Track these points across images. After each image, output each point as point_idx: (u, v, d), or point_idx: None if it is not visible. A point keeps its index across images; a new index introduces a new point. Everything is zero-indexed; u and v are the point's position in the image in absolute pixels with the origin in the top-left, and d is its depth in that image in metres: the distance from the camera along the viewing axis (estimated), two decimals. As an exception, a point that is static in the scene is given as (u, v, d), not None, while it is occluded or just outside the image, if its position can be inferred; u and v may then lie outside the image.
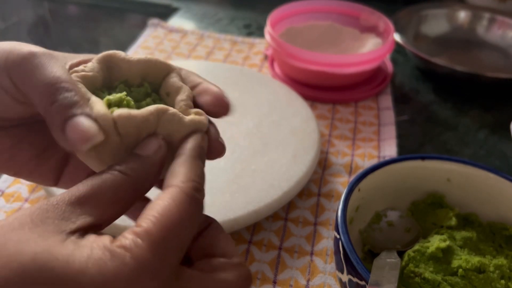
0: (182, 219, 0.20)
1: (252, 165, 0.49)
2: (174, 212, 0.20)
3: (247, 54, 0.77)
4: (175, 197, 0.21)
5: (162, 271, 0.19)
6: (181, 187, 0.21)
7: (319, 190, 0.51)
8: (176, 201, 0.21)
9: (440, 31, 0.83)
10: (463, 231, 0.39)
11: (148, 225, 0.19)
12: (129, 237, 0.19)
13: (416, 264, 0.35)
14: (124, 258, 0.18)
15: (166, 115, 0.24)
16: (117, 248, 0.18)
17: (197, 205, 0.21)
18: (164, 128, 0.24)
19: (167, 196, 0.21)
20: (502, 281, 0.35)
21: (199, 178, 0.23)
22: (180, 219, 0.20)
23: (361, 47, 0.72)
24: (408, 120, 0.63)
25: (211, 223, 0.25)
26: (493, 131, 0.62)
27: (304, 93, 0.65)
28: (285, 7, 0.73)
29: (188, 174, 0.22)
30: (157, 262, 0.19)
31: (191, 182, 0.22)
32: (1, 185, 0.49)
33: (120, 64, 0.26)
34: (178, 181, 0.22)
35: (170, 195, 0.21)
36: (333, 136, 0.59)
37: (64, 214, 0.20)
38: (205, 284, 0.21)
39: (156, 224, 0.19)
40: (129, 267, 0.18)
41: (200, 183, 0.22)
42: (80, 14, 1.01)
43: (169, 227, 0.20)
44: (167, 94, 0.27)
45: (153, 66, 0.27)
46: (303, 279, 0.41)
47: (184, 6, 0.94)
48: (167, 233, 0.19)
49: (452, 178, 0.42)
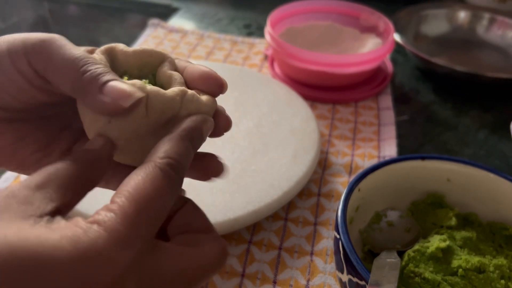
0: (155, 194, 0.21)
1: (252, 165, 0.49)
2: (147, 186, 0.21)
3: (247, 54, 0.77)
4: (149, 172, 0.21)
5: (135, 242, 0.19)
6: (157, 163, 0.22)
7: (319, 190, 0.51)
8: (150, 176, 0.21)
9: (440, 31, 0.83)
10: (463, 231, 0.39)
11: (121, 200, 0.20)
12: (102, 213, 0.19)
13: (416, 264, 0.35)
14: (98, 232, 0.19)
15: (187, 96, 0.25)
16: (90, 223, 0.19)
17: (170, 182, 0.22)
18: (185, 109, 0.25)
19: (142, 171, 0.21)
20: (502, 281, 0.35)
21: (179, 156, 0.23)
22: (153, 194, 0.21)
23: (361, 47, 0.72)
24: (408, 120, 0.63)
25: (187, 202, 0.25)
26: (493, 131, 0.62)
27: (304, 93, 0.65)
28: (285, 7, 0.73)
29: (168, 151, 0.23)
30: (130, 233, 0.19)
31: (167, 159, 0.22)
32: (1, 185, 0.49)
33: (119, 56, 0.27)
34: (155, 157, 0.22)
35: (145, 170, 0.21)
36: (333, 136, 0.59)
37: (26, 199, 0.20)
38: (182, 258, 0.22)
39: (129, 199, 0.20)
40: (103, 240, 0.18)
41: (178, 160, 0.23)
42: (80, 14, 1.01)
43: (141, 201, 0.20)
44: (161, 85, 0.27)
45: (149, 56, 0.27)
46: (303, 279, 0.41)
47: (184, 6, 0.94)
48: (139, 206, 0.20)
49: (452, 178, 0.42)
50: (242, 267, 0.42)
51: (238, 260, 0.43)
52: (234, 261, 0.42)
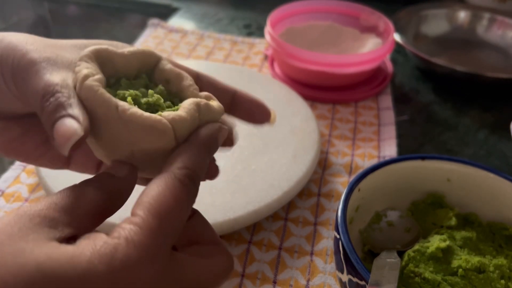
0: (176, 205, 0.21)
1: (252, 165, 0.49)
2: (168, 198, 0.21)
3: (247, 54, 0.77)
4: (169, 184, 0.21)
5: (160, 255, 0.20)
6: (176, 174, 0.22)
7: (319, 190, 0.51)
8: (170, 187, 0.21)
9: (440, 31, 0.83)
10: (463, 231, 0.39)
11: (144, 213, 0.20)
12: (127, 227, 0.20)
13: (416, 264, 0.35)
14: (128, 249, 0.19)
15: (201, 108, 0.25)
16: (118, 240, 0.19)
17: (189, 193, 0.22)
18: (202, 120, 0.25)
19: (162, 182, 0.21)
20: (502, 281, 0.34)
21: (196, 166, 0.23)
22: (174, 205, 0.21)
23: (361, 47, 0.72)
24: (408, 120, 0.63)
25: (195, 213, 0.25)
26: (493, 131, 0.62)
27: (304, 93, 0.65)
28: (285, 7, 0.73)
29: (186, 162, 0.23)
30: (156, 247, 0.20)
31: (186, 170, 0.22)
32: (1, 185, 0.49)
33: (116, 59, 0.26)
34: (174, 167, 0.22)
35: (165, 181, 0.21)
36: (333, 136, 0.59)
37: (51, 223, 0.20)
38: (197, 268, 0.22)
39: (151, 211, 0.20)
40: (134, 257, 0.19)
41: (195, 171, 0.23)
42: (80, 14, 1.01)
43: (163, 214, 0.20)
44: (167, 81, 0.27)
45: (148, 57, 0.27)
46: (303, 279, 0.41)
47: (184, 6, 0.94)
48: (162, 219, 0.20)
49: (452, 178, 0.42)
50: (242, 267, 0.42)
51: (238, 260, 0.43)
52: (234, 261, 0.42)
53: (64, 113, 0.22)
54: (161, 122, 0.23)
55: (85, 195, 0.22)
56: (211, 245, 0.24)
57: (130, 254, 0.19)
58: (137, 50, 0.27)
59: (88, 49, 0.25)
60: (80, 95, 0.23)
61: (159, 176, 0.22)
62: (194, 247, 0.24)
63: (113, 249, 0.19)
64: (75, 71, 0.24)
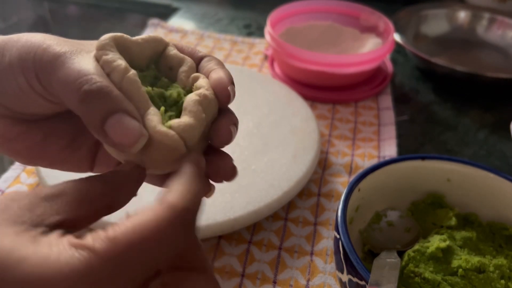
0: (157, 238, 0.18)
1: (252, 165, 0.49)
2: (151, 228, 0.18)
3: (247, 54, 0.77)
4: (158, 213, 0.19)
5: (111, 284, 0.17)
6: (170, 205, 0.19)
7: (319, 190, 0.51)
8: (158, 217, 0.18)
9: (440, 31, 0.83)
10: (463, 231, 0.39)
11: (115, 232, 0.18)
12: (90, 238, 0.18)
13: (416, 264, 0.35)
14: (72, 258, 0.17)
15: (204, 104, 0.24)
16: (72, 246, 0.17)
17: (181, 228, 0.19)
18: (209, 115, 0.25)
19: (151, 210, 0.19)
20: (502, 281, 0.35)
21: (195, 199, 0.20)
22: (155, 238, 0.18)
23: (361, 47, 0.72)
24: (408, 120, 0.63)
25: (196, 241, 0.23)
26: (493, 131, 0.62)
27: (304, 93, 0.65)
28: (285, 7, 0.73)
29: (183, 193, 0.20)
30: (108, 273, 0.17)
31: (182, 202, 0.20)
32: (1, 185, 0.49)
33: (132, 47, 0.25)
34: (170, 197, 0.20)
35: (154, 210, 0.19)
36: (333, 136, 0.59)
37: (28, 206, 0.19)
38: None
39: (125, 234, 0.18)
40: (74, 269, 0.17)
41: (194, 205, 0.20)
42: (80, 14, 1.01)
43: (136, 242, 0.18)
44: (170, 68, 0.27)
45: (158, 44, 0.27)
46: (303, 279, 0.41)
47: (184, 6, 0.94)
48: (132, 246, 0.17)
49: (452, 178, 0.42)
50: (242, 267, 0.42)
51: (238, 260, 0.43)
52: (234, 261, 0.42)
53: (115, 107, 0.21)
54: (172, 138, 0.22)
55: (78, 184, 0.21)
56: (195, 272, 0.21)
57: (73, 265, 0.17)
58: (149, 38, 0.26)
59: (108, 36, 0.24)
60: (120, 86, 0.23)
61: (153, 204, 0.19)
62: (174, 274, 0.21)
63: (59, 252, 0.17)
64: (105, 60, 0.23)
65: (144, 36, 0.26)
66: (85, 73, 0.22)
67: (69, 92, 0.22)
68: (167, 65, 0.27)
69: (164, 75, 0.27)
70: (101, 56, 0.23)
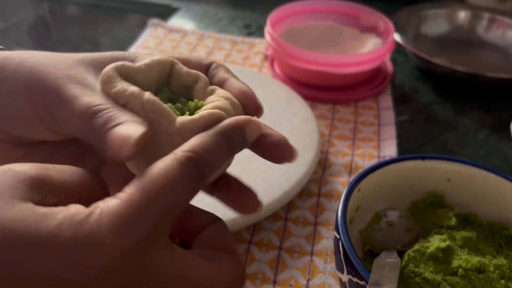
0: (169, 186, 0.20)
1: (252, 165, 0.49)
2: (161, 177, 0.19)
3: (247, 54, 0.77)
4: (166, 164, 0.20)
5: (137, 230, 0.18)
6: (177, 155, 0.21)
7: (319, 190, 0.51)
8: (166, 168, 0.20)
9: (440, 31, 0.83)
10: (463, 231, 0.39)
11: (130, 188, 0.19)
12: (107, 199, 0.19)
13: (416, 264, 0.35)
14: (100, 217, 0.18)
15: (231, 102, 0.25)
16: (93, 208, 0.18)
17: (189, 176, 0.20)
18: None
19: (160, 163, 0.20)
20: (502, 281, 0.34)
21: (205, 151, 0.21)
22: (166, 186, 0.19)
23: (361, 47, 0.72)
24: (408, 120, 0.63)
25: (217, 220, 0.25)
26: (493, 131, 0.62)
27: (304, 93, 0.65)
28: (285, 7, 0.73)
29: (194, 145, 0.21)
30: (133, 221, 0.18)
31: (189, 153, 0.21)
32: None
33: (137, 75, 0.25)
34: (179, 150, 0.21)
35: (162, 162, 0.20)
36: (333, 136, 0.59)
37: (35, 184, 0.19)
38: (196, 268, 0.21)
39: (138, 187, 0.19)
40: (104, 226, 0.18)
41: (202, 156, 0.21)
42: (80, 14, 1.01)
43: (151, 191, 0.19)
44: (186, 87, 0.26)
45: (164, 66, 0.26)
46: (303, 279, 0.41)
47: (184, 6, 0.94)
48: (148, 196, 0.19)
49: (452, 178, 0.42)
50: (242, 267, 0.42)
51: (238, 260, 0.43)
52: (234, 261, 0.42)
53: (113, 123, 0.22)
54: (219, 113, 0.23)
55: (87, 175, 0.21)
56: (224, 251, 0.23)
57: (101, 223, 0.18)
58: (152, 62, 0.25)
59: (110, 67, 0.24)
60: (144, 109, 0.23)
61: (161, 159, 0.21)
62: (205, 249, 0.23)
63: (85, 216, 0.18)
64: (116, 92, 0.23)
65: (148, 62, 0.25)
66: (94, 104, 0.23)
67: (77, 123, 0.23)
68: (181, 85, 0.26)
69: (178, 95, 0.27)
70: (110, 90, 0.23)
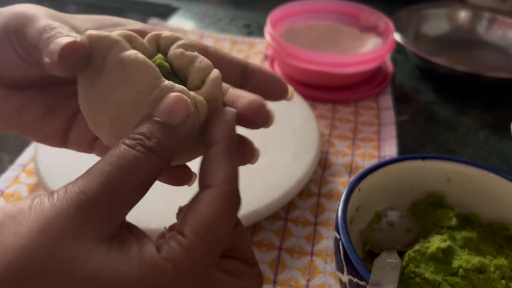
0: (223, 227, 0.21)
1: (252, 165, 0.49)
2: (216, 220, 0.21)
3: (247, 54, 0.77)
4: (216, 203, 0.21)
5: (202, 278, 0.20)
6: (222, 191, 0.21)
7: (319, 190, 0.51)
8: (217, 208, 0.21)
9: (440, 31, 0.83)
10: (463, 231, 0.39)
11: (192, 234, 0.20)
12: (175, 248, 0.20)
13: (417, 264, 0.35)
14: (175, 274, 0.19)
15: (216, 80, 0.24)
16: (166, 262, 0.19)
17: (236, 209, 0.22)
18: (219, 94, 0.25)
19: (208, 201, 0.21)
20: (503, 281, 0.34)
21: (237, 176, 0.22)
22: (221, 228, 0.21)
23: (361, 47, 0.72)
24: (408, 120, 0.63)
25: (237, 224, 0.24)
26: (493, 131, 0.62)
27: (304, 93, 0.64)
28: (285, 7, 0.73)
29: (228, 175, 0.22)
30: (198, 271, 0.20)
31: (230, 185, 0.22)
32: (1, 185, 0.49)
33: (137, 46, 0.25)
34: (217, 183, 0.21)
35: (210, 201, 0.21)
36: (333, 136, 0.59)
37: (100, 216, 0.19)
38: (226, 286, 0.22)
39: (199, 234, 0.20)
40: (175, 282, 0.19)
41: (237, 183, 0.22)
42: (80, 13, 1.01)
43: (210, 237, 0.20)
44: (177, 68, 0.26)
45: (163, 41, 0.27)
46: (303, 279, 0.41)
47: (184, 6, 0.94)
48: (208, 243, 0.20)
49: (452, 178, 0.42)
50: (242, 267, 0.42)
51: (238, 260, 0.43)
52: (234, 261, 0.42)
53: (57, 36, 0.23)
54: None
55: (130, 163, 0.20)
56: (246, 264, 0.24)
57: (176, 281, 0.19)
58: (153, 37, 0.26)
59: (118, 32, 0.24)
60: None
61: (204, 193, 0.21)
62: (231, 261, 0.23)
63: (160, 272, 0.19)
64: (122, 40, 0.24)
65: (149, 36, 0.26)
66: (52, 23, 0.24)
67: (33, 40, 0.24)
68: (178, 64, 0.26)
69: None
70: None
